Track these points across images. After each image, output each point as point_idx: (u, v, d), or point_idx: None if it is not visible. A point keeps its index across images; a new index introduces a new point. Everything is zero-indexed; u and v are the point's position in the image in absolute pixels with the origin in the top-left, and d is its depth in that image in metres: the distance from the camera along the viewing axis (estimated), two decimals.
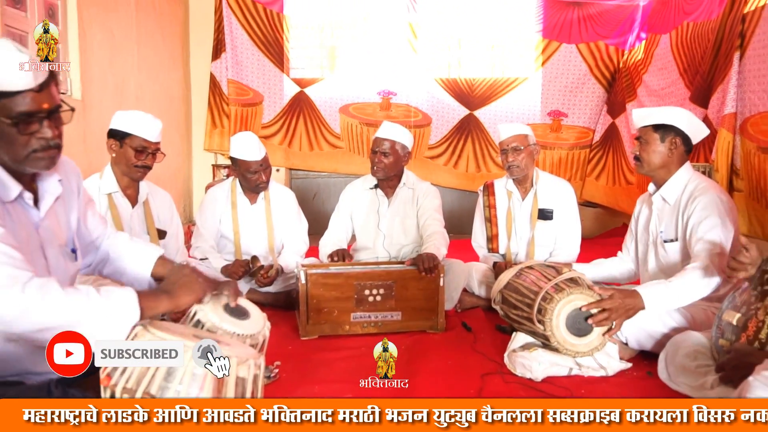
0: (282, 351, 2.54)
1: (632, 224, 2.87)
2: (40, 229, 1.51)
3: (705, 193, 2.45)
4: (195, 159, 6.06)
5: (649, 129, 2.56)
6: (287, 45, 6.00)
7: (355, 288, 2.76)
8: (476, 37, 6.08)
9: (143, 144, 2.68)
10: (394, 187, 3.34)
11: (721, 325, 2.10)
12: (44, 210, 1.53)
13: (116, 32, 4.23)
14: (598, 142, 6.10)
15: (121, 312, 1.33)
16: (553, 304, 2.25)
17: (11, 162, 1.41)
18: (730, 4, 4.26)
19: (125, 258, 1.79)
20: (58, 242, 1.58)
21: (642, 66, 5.60)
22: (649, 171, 2.60)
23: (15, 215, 1.44)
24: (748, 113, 3.97)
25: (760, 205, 3.86)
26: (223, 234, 3.34)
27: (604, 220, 6.12)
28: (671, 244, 2.56)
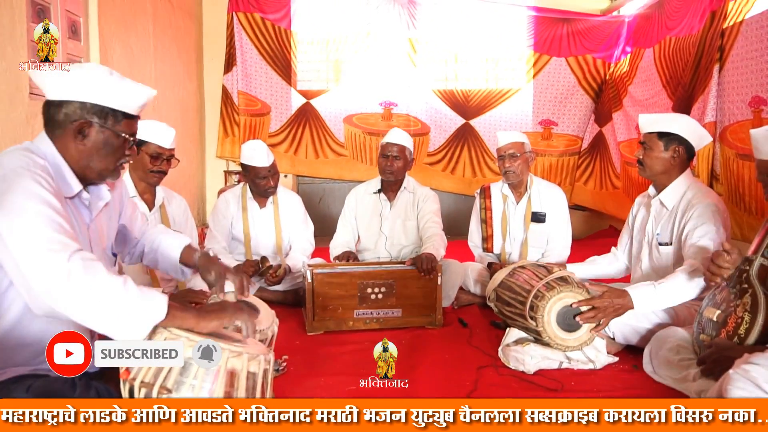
0: (290, 345, 2.54)
1: (629, 220, 2.85)
2: (90, 230, 1.56)
3: (702, 202, 2.42)
4: (208, 166, 6.06)
5: (654, 136, 2.51)
6: (294, 59, 6.01)
7: (358, 287, 2.76)
8: (471, 51, 6.09)
9: (158, 150, 2.69)
10: (396, 191, 3.35)
11: (701, 322, 2.10)
12: (95, 212, 1.58)
13: (135, 47, 4.24)
14: (587, 149, 6.10)
15: (149, 308, 1.31)
16: (545, 301, 2.25)
17: (101, 170, 1.52)
18: (710, 20, 4.26)
19: (158, 249, 1.87)
20: (102, 245, 1.62)
21: (627, 78, 5.60)
22: (650, 175, 2.57)
23: (72, 211, 1.49)
24: (727, 122, 3.97)
25: (739, 208, 3.85)
26: (235, 236, 3.35)
27: (592, 223, 6.12)
28: (665, 247, 2.54)
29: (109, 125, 1.48)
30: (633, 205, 2.85)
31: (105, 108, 1.47)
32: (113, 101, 1.48)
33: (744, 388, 1.50)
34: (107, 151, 1.50)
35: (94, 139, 1.48)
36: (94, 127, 1.47)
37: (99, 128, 1.47)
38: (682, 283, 2.26)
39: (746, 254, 2.03)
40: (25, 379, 1.37)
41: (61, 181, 1.45)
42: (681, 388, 2.03)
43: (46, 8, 3.07)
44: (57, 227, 1.29)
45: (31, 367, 1.42)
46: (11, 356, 1.40)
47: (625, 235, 2.87)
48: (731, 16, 4.01)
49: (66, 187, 1.47)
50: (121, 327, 1.28)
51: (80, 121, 1.45)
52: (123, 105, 1.49)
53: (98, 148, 1.49)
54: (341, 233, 3.40)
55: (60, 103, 1.45)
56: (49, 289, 1.25)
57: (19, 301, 1.38)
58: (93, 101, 1.45)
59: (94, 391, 1.37)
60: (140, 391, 1.24)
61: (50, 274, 1.24)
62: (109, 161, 1.52)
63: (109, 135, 1.49)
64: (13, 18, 2.76)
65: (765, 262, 1.96)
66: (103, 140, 1.49)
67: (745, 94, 3.80)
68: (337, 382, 2.14)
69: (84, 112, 1.45)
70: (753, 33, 3.76)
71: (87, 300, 1.26)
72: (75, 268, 1.25)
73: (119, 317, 1.28)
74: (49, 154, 1.45)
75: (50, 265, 1.24)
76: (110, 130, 1.49)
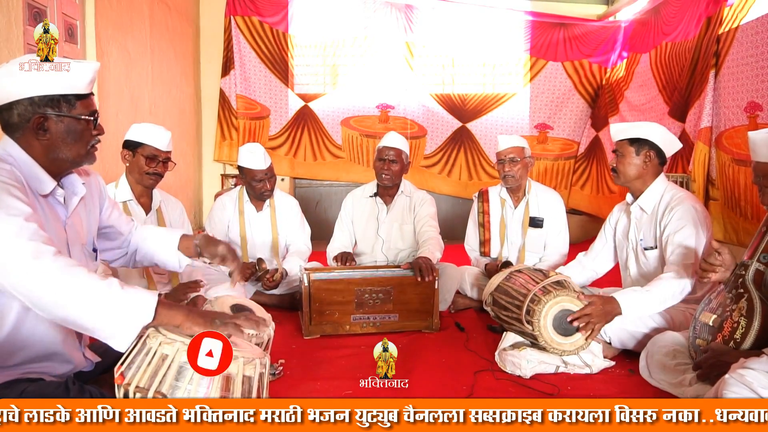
0: (286, 349, 2.53)
1: (606, 229, 2.86)
2: (66, 227, 1.54)
3: (681, 204, 2.46)
4: (205, 169, 6.06)
5: (625, 143, 2.57)
6: (292, 62, 6.02)
7: (355, 293, 2.74)
8: (468, 55, 6.11)
9: (154, 152, 2.69)
10: (392, 195, 3.34)
11: (697, 326, 2.10)
12: (71, 208, 1.56)
13: (131, 50, 4.24)
14: (583, 154, 6.12)
15: (136, 309, 1.28)
16: (541, 305, 2.25)
17: (73, 157, 1.50)
18: (706, 26, 4.28)
19: (152, 243, 1.85)
20: (80, 241, 1.59)
21: (623, 83, 5.62)
22: (625, 182, 2.61)
23: (47, 210, 1.47)
24: (723, 127, 3.98)
25: (734, 213, 3.86)
26: (231, 239, 3.34)
27: (588, 227, 6.11)
28: (651, 251, 2.56)
29: (65, 112, 1.45)
30: (610, 215, 2.87)
31: (54, 96, 1.43)
32: (59, 87, 1.43)
33: (739, 392, 1.50)
34: (73, 138, 1.47)
35: (55, 130, 1.45)
36: (51, 118, 1.44)
37: (56, 118, 1.44)
38: (666, 288, 2.31)
39: (742, 259, 2.04)
40: (19, 383, 1.36)
41: (33, 180, 1.43)
42: (677, 392, 2.03)
43: (42, 11, 3.07)
44: (31, 234, 1.26)
45: (25, 370, 1.41)
46: (5, 360, 1.40)
47: (598, 243, 2.88)
48: (727, 22, 4.03)
49: (39, 185, 1.45)
50: (107, 330, 1.26)
51: (35, 117, 1.42)
52: (70, 87, 1.45)
53: (63, 138, 1.46)
54: (338, 237, 3.39)
55: (9, 106, 1.42)
56: (31, 292, 1.23)
57: (12, 305, 1.37)
58: (40, 93, 1.41)
59: (88, 394, 1.37)
60: (135, 395, 1.23)
61: (31, 280, 1.23)
62: (78, 147, 1.49)
63: (69, 122, 1.46)
64: (9, 21, 2.75)
65: (761, 267, 1.96)
66: (64, 129, 1.46)
67: (740, 99, 3.82)
68: (334, 385, 2.13)
69: (35, 107, 1.42)
70: (748, 39, 3.77)
71: (70, 304, 1.24)
72: (56, 272, 1.23)
73: (105, 320, 1.26)
74: (17, 157, 1.43)
75: (29, 273, 1.22)
76: (68, 117, 1.45)
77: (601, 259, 2.86)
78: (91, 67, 1.48)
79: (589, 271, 2.88)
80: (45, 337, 1.44)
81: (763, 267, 1.96)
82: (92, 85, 1.51)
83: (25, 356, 1.42)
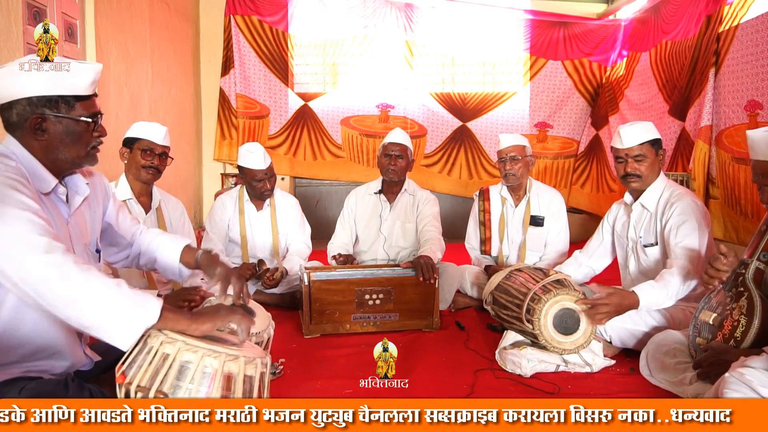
0: (286, 349, 2.54)
1: (604, 226, 2.85)
2: (69, 225, 1.53)
3: (681, 199, 2.46)
4: (205, 168, 6.06)
5: (647, 145, 2.53)
6: (292, 62, 6.01)
7: (356, 293, 2.74)
8: (468, 54, 6.11)
9: (149, 145, 2.70)
10: (396, 193, 3.35)
11: (697, 325, 2.10)
12: (73, 207, 1.55)
13: (131, 50, 4.24)
14: (583, 153, 6.12)
15: (142, 310, 1.28)
16: (541, 304, 2.25)
17: (73, 158, 1.49)
18: (706, 25, 4.28)
19: (156, 249, 1.84)
20: (83, 241, 1.59)
21: (623, 81, 5.62)
22: (646, 185, 2.57)
23: (50, 207, 1.46)
24: (723, 126, 3.98)
25: (734, 211, 3.87)
26: (231, 238, 3.34)
27: (588, 226, 6.11)
28: (652, 248, 2.56)
29: (64, 113, 1.43)
30: (608, 213, 2.86)
31: (52, 97, 1.42)
32: (58, 88, 1.42)
33: (739, 391, 1.50)
34: (72, 140, 1.46)
35: (54, 131, 1.44)
36: (49, 119, 1.42)
37: (55, 119, 1.43)
38: (677, 283, 2.29)
39: (742, 257, 2.04)
40: (18, 381, 1.36)
41: (35, 178, 1.43)
42: (677, 391, 2.03)
43: (42, 11, 3.07)
44: (41, 230, 1.26)
45: (24, 368, 1.41)
46: (4, 357, 1.40)
47: (594, 241, 2.88)
48: (727, 21, 4.03)
49: (42, 183, 1.45)
50: (112, 329, 1.26)
51: (33, 118, 1.41)
52: (70, 88, 1.43)
53: (61, 139, 1.45)
54: (340, 234, 3.40)
55: (9, 105, 1.42)
56: (38, 285, 1.23)
57: (9, 302, 1.37)
58: (38, 94, 1.40)
59: (88, 392, 1.36)
60: (136, 395, 1.23)
61: (42, 275, 1.22)
62: (78, 148, 1.48)
63: (67, 123, 1.44)
64: (9, 21, 2.75)
65: (761, 266, 1.96)
66: (63, 130, 1.44)
67: (740, 97, 3.82)
68: (334, 385, 2.14)
69: (33, 107, 1.41)
70: (748, 37, 3.77)
71: (79, 300, 1.24)
72: (67, 268, 1.23)
73: (111, 319, 1.26)
74: (20, 154, 1.43)
75: (41, 267, 1.22)
76: (67, 118, 1.44)
77: (597, 256, 2.87)
78: (93, 68, 1.47)
79: (586, 267, 2.88)
80: (45, 334, 1.44)
81: (763, 265, 1.96)
82: (94, 86, 1.49)
83: (25, 353, 1.42)
